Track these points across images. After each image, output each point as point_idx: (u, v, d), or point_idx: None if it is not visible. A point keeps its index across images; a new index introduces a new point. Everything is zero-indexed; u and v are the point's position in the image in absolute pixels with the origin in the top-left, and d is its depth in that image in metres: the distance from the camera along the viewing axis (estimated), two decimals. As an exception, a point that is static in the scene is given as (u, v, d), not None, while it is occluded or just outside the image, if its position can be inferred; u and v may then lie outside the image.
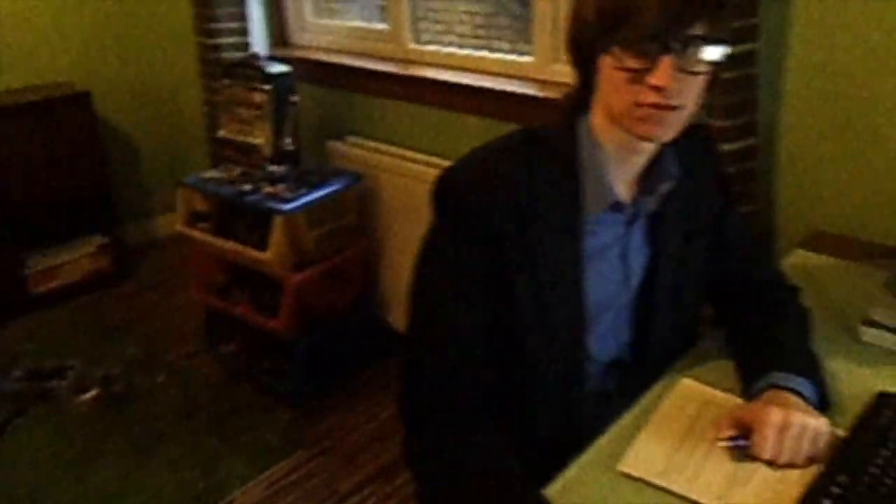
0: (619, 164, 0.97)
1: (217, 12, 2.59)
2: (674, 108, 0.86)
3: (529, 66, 2.10)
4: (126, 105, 3.28)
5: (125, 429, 2.18)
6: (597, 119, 0.95)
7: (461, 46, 2.30)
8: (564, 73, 1.88)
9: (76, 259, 3.02)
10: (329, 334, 2.31)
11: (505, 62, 2.17)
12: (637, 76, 0.85)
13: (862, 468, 0.83)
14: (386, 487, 1.93)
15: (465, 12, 2.33)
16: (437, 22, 2.39)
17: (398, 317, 2.55)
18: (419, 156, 2.29)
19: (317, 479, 1.97)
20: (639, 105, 0.86)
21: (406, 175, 2.29)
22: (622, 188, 0.99)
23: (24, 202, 2.78)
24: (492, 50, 2.22)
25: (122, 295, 3.00)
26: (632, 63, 0.85)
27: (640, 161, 0.98)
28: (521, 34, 2.16)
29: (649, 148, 0.96)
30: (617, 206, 0.98)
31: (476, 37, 2.30)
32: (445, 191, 0.97)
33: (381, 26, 2.52)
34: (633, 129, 0.89)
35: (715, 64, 0.87)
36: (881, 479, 0.82)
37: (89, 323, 2.78)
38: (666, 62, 0.83)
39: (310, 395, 2.28)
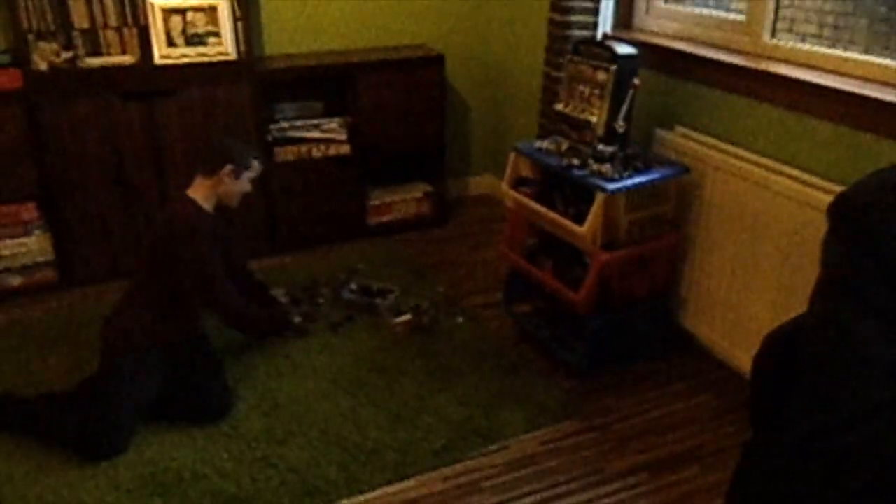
0: None
1: (575, -9, 2.69)
2: None
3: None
4: (468, 70, 3.60)
5: (427, 356, 2.46)
6: None
7: (814, 44, 2.10)
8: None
9: (406, 201, 3.43)
10: (621, 318, 2.34)
11: (872, 65, 1.94)
12: None
13: None
14: (654, 482, 1.93)
15: (814, 10, 2.12)
16: (790, 19, 2.21)
17: (691, 319, 2.48)
18: (756, 157, 2.16)
19: (586, 453, 2.04)
20: None
21: (737, 175, 2.18)
22: None
23: (376, 145, 3.23)
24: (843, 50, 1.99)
25: (436, 239, 3.36)
26: None
27: None
28: (883, 37, 1.90)
29: None
30: None
31: (821, 36, 2.09)
32: (843, 210, 0.94)
33: (735, 17, 2.40)
34: None
35: None
36: None
37: (409, 257, 3.17)
38: None
39: (591, 372, 2.34)
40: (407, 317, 2.62)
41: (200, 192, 2.22)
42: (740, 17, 2.38)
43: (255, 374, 2.32)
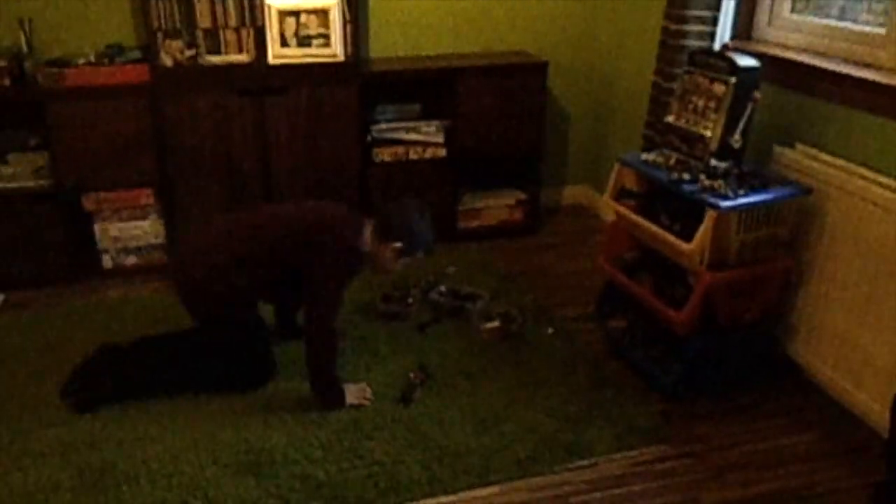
0: None
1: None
2: None
3: None
4: (571, 78, 3.54)
5: (515, 364, 2.42)
6: None
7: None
8: None
9: (498, 207, 3.41)
10: (724, 343, 2.22)
11: None
12: None
13: None
14: (753, 518, 1.82)
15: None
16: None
17: (800, 350, 2.33)
18: (887, 181, 2.01)
19: (679, 479, 1.94)
20: None
21: (865, 199, 2.04)
22: None
23: (472, 149, 3.21)
24: None
25: (527, 247, 3.31)
26: None
27: None
28: None
29: None
30: None
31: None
32: None
33: (873, 29, 2.25)
34: None
35: None
36: None
37: (499, 264, 3.13)
38: None
39: (686, 396, 2.23)
40: (496, 323, 2.58)
41: (368, 234, 2.21)
42: (878, 30, 2.23)
43: (345, 367, 2.34)
